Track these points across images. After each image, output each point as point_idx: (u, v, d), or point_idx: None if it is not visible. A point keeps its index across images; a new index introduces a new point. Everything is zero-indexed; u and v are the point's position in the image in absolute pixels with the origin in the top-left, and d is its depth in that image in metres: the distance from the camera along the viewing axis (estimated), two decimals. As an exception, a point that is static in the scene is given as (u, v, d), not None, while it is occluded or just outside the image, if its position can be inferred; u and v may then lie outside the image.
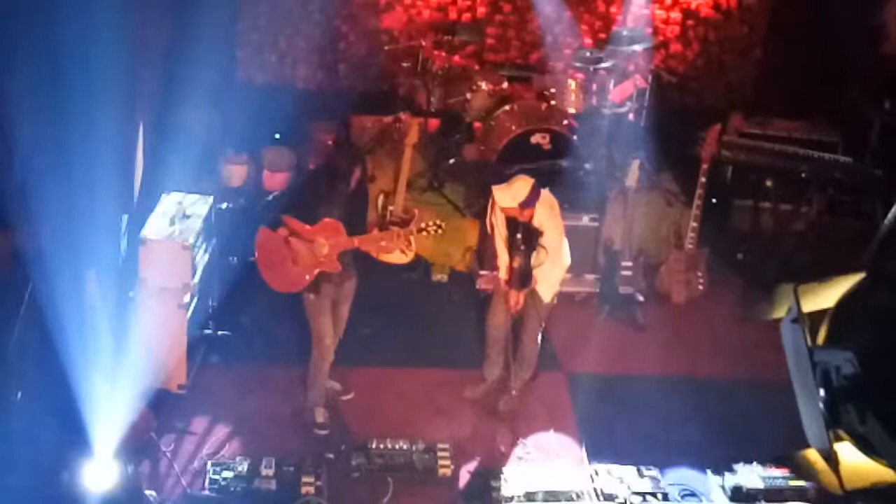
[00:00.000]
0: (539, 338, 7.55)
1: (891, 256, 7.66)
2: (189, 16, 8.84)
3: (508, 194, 7.08)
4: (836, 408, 5.16)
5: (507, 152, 9.36)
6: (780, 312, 5.73)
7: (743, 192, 9.63)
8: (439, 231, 6.96)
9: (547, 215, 7.17)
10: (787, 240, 9.38)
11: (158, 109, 8.37)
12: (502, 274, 7.36)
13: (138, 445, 6.72)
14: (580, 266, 8.50)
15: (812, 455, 6.06)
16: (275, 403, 7.54)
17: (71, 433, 6.55)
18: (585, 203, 8.81)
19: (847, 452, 5.61)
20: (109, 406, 6.45)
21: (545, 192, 7.17)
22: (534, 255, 7.15)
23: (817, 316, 5.19)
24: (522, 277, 7.19)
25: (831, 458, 5.92)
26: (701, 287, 8.90)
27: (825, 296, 5.15)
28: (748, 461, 7.06)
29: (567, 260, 7.44)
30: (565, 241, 7.36)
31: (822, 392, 5.03)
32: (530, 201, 7.05)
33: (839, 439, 6.08)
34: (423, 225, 6.88)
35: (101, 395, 6.50)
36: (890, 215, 8.18)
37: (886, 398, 4.85)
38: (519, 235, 7.12)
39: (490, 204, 7.34)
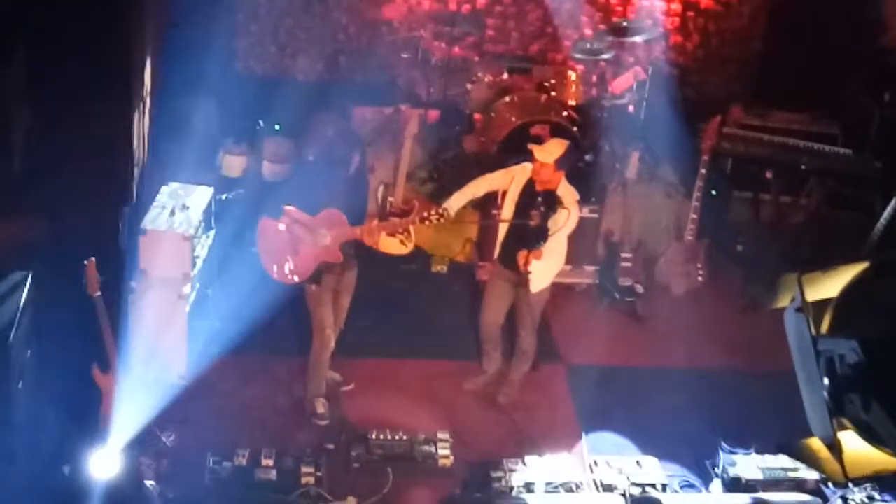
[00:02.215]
0: (535, 330, 7.53)
1: (893, 246, 7.66)
2: (189, 6, 8.82)
3: (546, 151, 7.10)
4: (839, 396, 5.17)
5: (507, 143, 9.34)
6: (783, 302, 5.73)
7: (743, 184, 9.62)
8: (442, 220, 6.92)
9: (570, 199, 7.12)
10: (786, 231, 9.38)
11: (158, 100, 8.35)
12: (497, 250, 7.30)
13: (138, 436, 6.69)
14: (580, 257, 8.49)
15: (815, 444, 6.05)
16: (275, 394, 7.53)
17: (71, 423, 6.55)
18: (585, 195, 8.73)
19: (851, 441, 5.60)
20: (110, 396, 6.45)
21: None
22: (553, 218, 7.01)
23: (821, 305, 5.19)
24: (536, 235, 6.99)
25: (835, 447, 5.91)
26: (700, 279, 8.89)
27: (829, 285, 5.14)
28: (748, 452, 7.04)
29: (563, 259, 7.42)
30: (566, 241, 7.33)
31: (825, 381, 5.02)
32: (563, 163, 7.07)
33: (843, 428, 6.07)
34: (425, 214, 6.84)
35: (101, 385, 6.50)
36: (889, 207, 8.19)
37: (891, 386, 4.85)
38: (540, 199, 7.02)
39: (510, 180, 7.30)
